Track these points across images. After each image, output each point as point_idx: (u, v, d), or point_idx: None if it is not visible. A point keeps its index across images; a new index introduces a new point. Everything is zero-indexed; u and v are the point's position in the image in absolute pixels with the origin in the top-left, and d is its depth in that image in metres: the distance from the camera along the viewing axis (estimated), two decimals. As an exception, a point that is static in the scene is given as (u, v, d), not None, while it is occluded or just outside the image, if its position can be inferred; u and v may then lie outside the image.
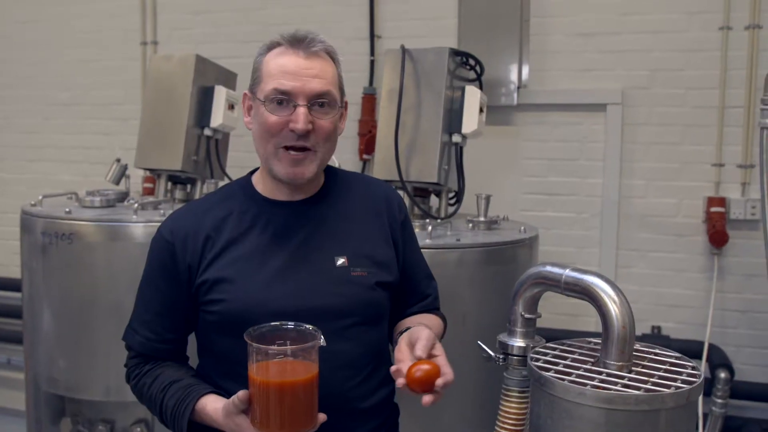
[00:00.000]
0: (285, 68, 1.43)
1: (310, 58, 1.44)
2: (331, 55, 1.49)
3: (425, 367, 1.31)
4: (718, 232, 2.91)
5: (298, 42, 1.45)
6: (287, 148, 1.44)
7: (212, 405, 1.40)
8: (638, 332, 3.05)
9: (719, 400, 2.88)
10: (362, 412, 1.49)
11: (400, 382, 1.32)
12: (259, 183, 1.55)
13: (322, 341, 1.28)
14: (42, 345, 2.61)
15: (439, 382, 1.31)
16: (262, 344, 1.26)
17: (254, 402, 1.28)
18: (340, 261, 1.48)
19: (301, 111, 1.41)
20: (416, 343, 1.37)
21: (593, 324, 3.03)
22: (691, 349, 2.93)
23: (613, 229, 3.10)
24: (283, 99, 1.42)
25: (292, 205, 1.52)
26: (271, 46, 1.48)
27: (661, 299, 3.09)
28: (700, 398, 2.81)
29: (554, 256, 3.11)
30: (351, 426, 1.48)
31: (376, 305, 1.51)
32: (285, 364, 1.26)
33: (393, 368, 1.34)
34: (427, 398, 1.29)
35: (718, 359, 2.92)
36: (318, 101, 1.43)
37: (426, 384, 1.30)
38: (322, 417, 1.31)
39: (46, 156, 3.99)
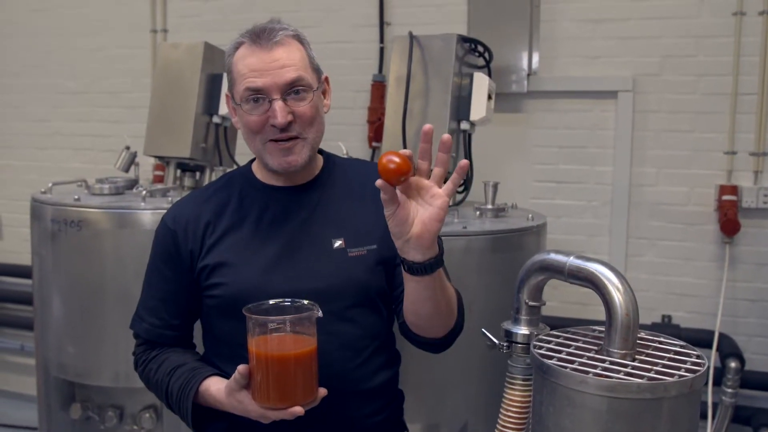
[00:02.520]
0: (252, 66, 1.43)
1: (273, 50, 1.43)
2: (297, 38, 1.48)
3: (397, 159, 1.21)
4: (729, 221, 2.88)
5: (259, 37, 1.44)
6: (274, 140, 1.45)
7: (215, 386, 1.43)
8: (648, 321, 3.04)
9: (729, 390, 2.85)
10: (364, 393, 1.51)
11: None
12: (258, 170, 1.58)
13: (319, 313, 1.30)
14: (52, 331, 2.64)
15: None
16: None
17: (254, 376, 1.30)
18: (338, 243, 1.50)
19: (278, 105, 1.41)
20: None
21: (603, 313, 3.00)
22: (701, 339, 2.91)
23: (623, 218, 3.08)
24: (258, 96, 1.42)
25: (291, 190, 1.54)
26: (237, 46, 1.47)
27: (671, 288, 3.06)
28: (710, 388, 2.80)
29: (564, 244, 3.09)
30: (354, 406, 1.50)
31: (374, 287, 1.52)
32: (284, 337, 1.29)
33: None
34: (379, 182, 1.23)
35: (729, 348, 2.90)
36: (292, 90, 1.43)
37: (391, 174, 1.21)
38: (322, 391, 1.33)
39: (56, 144, 4.00)
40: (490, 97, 2.61)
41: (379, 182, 1.22)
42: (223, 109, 2.91)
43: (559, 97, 3.14)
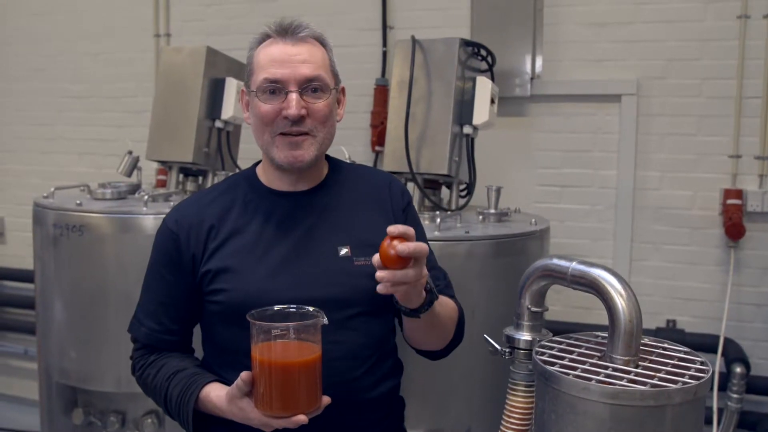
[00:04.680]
0: (274, 57, 1.44)
1: (297, 45, 1.45)
2: (320, 41, 1.50)
3: (394, 253, 1.25)
4: (734, 225, 2.86)
5: (284, 30, 1.46)
6: (284, 134, 1.44)
7: (216, 392, 1.41)
8: (653, 326, 3.02)
9: (735, 395, 2.84)
10: (367, 402, 1.49)
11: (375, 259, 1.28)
12: (263, 174, 1.56)
13: (324, 320, 1.28)
14: (54, 336, 2.63)
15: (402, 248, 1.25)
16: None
17: (257, 383, 1.29)
18: (343, 251, 1.48)
19: (293, 97, 1.42)
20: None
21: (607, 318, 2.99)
22: (706, 343, 2.89)
23: (627, 222, 3.06)
24: (275, 87, 1.43)
25: (295, 195, 1.52)
26: (261, 39, 1.49)
27: (676, 293, 3.05)
28: (715, 393, 2.78)
29: (568, 248, 3.08)
30: (356, 416, 1.47)
31: (379, 296, 1.49)
32: (288, 344, 1.27)
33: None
34: (375, 259, 1.27)
35: (734, 353, 2.88)
36: (310, 86, 1.44)
37: (392, 261, 1.26)
38: (326, 399, 1.31)
39: (59, 148, 4.00)
40: (493, 101, 2.60)
41: (375, 259, 1.26)
42: (226, 113, 2.91)
43: (562, 101, 3.12)
